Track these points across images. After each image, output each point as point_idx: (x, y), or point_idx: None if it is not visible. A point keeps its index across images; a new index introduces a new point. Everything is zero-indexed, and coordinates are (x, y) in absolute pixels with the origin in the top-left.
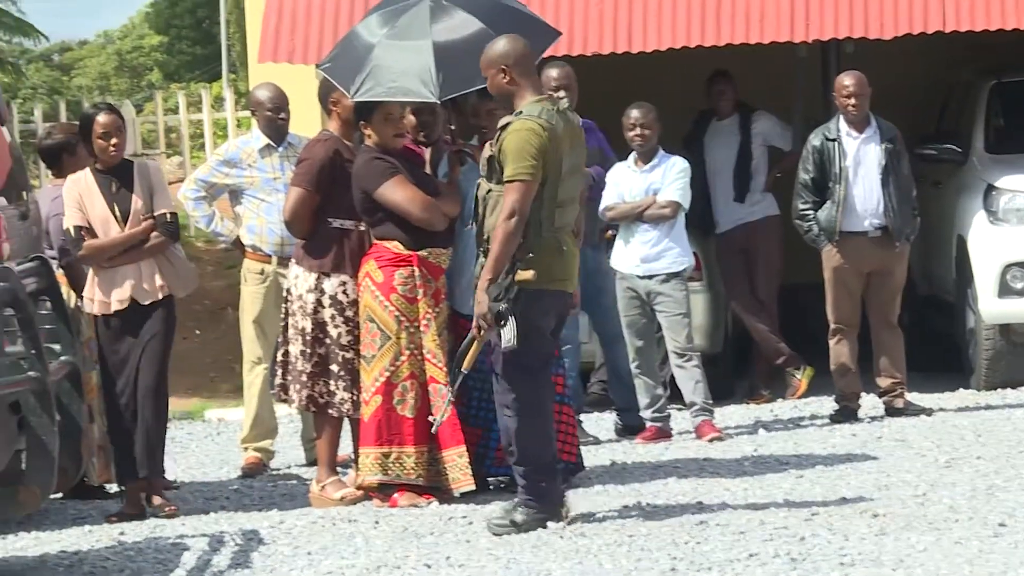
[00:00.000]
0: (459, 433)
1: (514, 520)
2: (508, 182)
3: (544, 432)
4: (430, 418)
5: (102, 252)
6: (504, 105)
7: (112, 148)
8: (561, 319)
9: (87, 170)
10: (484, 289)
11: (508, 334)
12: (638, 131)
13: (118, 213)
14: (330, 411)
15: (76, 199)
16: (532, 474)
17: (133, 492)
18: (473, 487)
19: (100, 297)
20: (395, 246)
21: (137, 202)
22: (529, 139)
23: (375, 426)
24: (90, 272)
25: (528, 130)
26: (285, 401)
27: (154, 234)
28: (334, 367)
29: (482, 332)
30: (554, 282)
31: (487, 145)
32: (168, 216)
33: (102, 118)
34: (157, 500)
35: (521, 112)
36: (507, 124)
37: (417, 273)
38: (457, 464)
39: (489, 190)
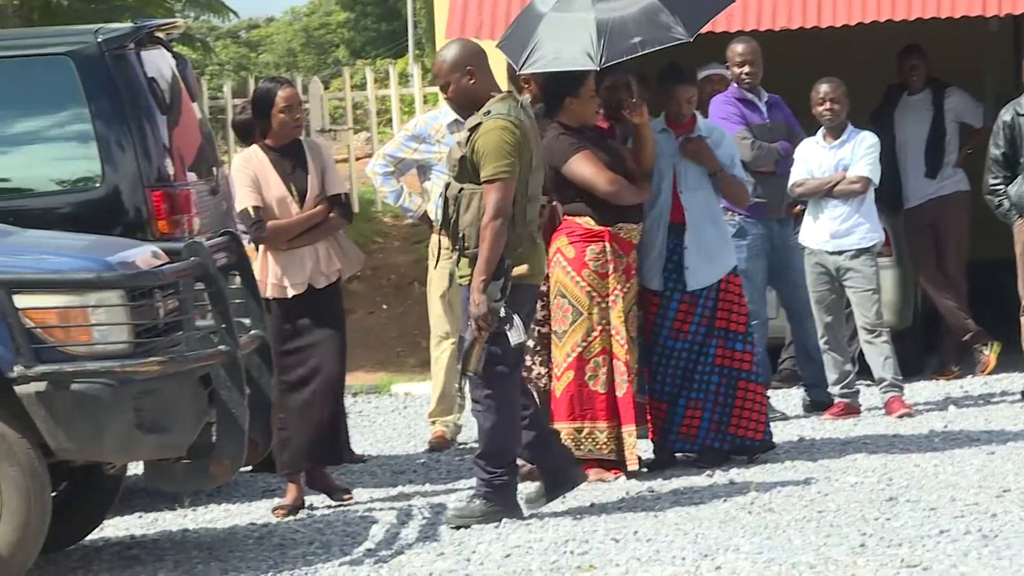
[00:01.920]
0: (631, 411)
1: (472, 511)
2: (489, 181)
3: (512, 429)
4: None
5: (284, 233)
6: (466, 106)
7: (295, 122)
8: (531, 313)
9: (256, 147)
10: (480, 290)
11: (516, 332)
12: (827, 106)
13: (295, 192)
14: (527, 386)
15: (251, 178)
16: (495, 468)
17: (296, 481)
18: (636, 467)
19: (275, 280)
20: (586, 222)
21: (313, 181)
22: (504, 137)
23: (567, 401)
24: (261, 255)
25: (502, 128)
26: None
27: (332, 215)
28: (530, 342)
29: (483, 332)
30: (527, 277)
31: (456, 145)
32: (343, 197)
33: (284, 92)
34: (326, 486)
35: (490, 112)
36: (477, 124)
37: (608, 248)
38: (626, 442)
39: (461, 189)
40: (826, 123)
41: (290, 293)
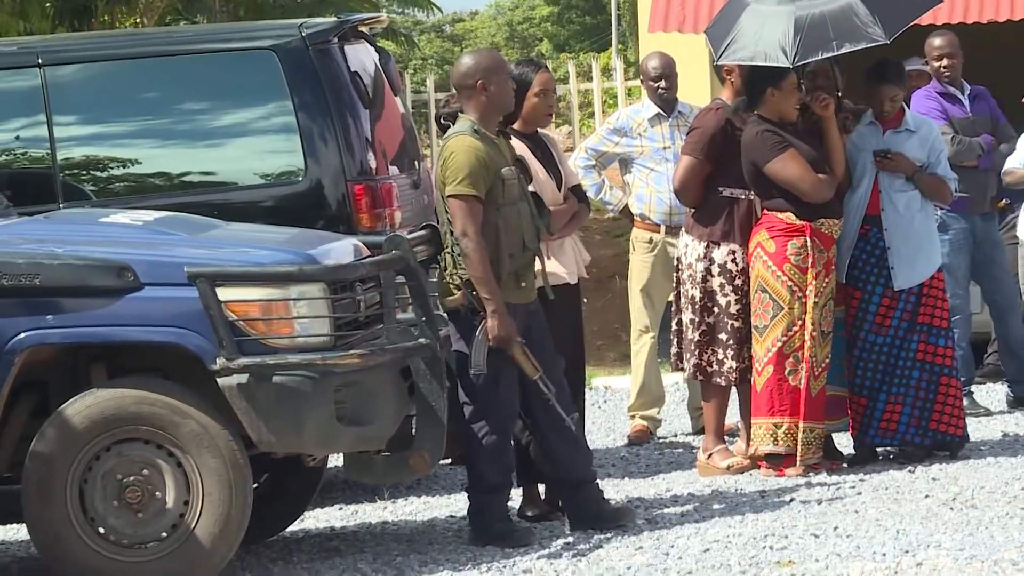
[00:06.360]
0: (803, 405)
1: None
2: None
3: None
4: None
5: (561, 218)
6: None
7: (547, 108)
8: None
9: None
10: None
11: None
12: None
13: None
14: (717, 380)
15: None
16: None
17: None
18: (811, 462)
19: (550, 269)
20: (787, 216)
21: (562, 171)
22: None
23: (767, 396)
24: None
25: None
26: (681, 370)
27: (580, 206)
28: (723, 336)
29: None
30: None
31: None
32: (580, 188)
33: (540, 76)
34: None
35: None
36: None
37: (809, 243)
38: (800, 438)
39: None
40: None
41: (563, 282)
